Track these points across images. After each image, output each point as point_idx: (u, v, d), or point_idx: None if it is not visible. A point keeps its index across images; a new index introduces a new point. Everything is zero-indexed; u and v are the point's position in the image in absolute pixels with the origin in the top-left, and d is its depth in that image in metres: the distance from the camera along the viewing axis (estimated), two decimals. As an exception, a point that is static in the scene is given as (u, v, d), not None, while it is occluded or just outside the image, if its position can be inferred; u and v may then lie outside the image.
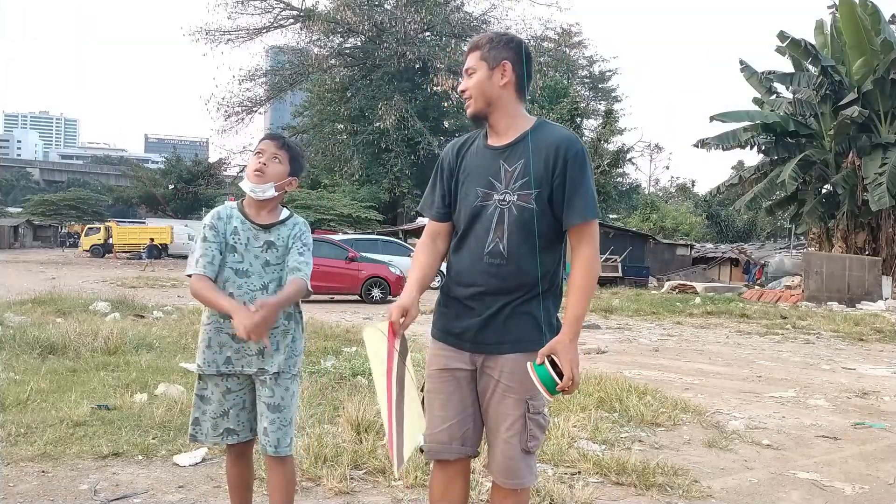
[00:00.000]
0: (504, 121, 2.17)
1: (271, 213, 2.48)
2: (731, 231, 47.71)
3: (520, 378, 2.08)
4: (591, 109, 44.03)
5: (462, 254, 2.19)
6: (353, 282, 15.80)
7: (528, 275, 2.11)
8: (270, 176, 2.43)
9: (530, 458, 2.15)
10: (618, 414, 4.89)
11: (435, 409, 2.21)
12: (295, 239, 2.47)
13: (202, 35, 36.60)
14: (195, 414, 2.50)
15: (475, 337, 2.15)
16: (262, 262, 2.43)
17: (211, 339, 2.43)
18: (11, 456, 3.56)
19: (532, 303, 2.13)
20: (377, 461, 3.55)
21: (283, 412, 2.42)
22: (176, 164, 55.37)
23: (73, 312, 9.40)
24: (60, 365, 5.87)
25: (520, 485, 2.15)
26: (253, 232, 2.44)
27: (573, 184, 2.08)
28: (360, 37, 36.03)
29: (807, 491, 3.60)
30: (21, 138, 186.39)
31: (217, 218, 2.46)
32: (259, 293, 2.39)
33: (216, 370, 2.42)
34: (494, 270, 2.11)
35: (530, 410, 2.11)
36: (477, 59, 2.16)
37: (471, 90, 2.17)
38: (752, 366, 7.97)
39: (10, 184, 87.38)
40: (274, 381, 2.42)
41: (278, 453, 2.42)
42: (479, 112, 2.18)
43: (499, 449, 2.14)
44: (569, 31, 43.78)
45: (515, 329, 2.12)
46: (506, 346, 2.12)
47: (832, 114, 22.65)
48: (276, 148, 2.47)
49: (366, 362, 6.27)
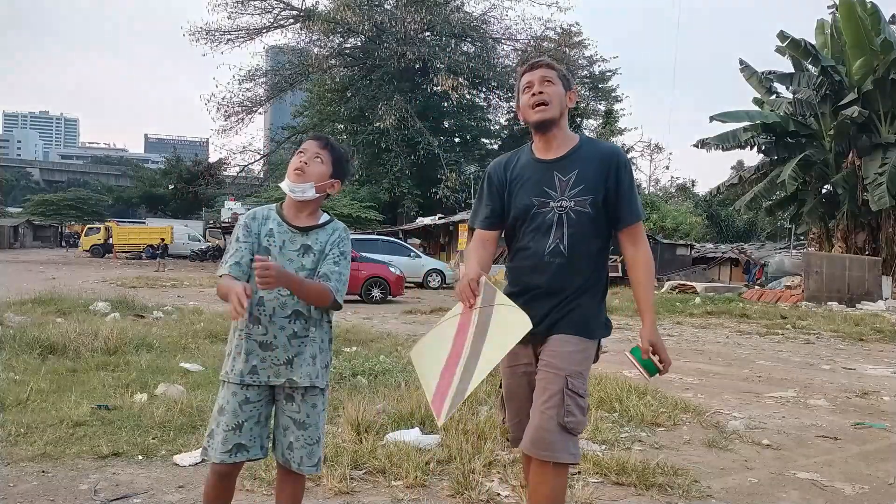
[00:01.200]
0: (560, 135, 2.42)
1: (311, 216, 2.37)
2: (731, 231, 47.68)
3: (563, 356, 2.28)
4: (591, 109, 43.99)
5: (523, 255, 2.41)
6: (353, 282, 15.77)
7: (584, 271, 2.36)
8: (311, 176, 2.32)
9: (567, 437, 2.21)
10: (618, 414, 4.89)
11: (511, 401, 2.48)
12: (333, 246, 2.35)
13: (202, 35, 36.60)
14: (211, 425, 2.34)
15: (535, 328, 2.22)
16: (296, 266, 2.30)
17: (238, 345, 2.31)
18: (11, 456, 3.56)
19: (585, 296, 2.37)
20: (377, 461, 3.55)
21: (308, 430, 2.32)
22: (176, 164, 55.43)
23: (73, 312, 9.40)
24: (60, 365, 5.87)
25: (550, 457, 2.19)
26: (289, 235, 2.32)
27: (625, 189, 2.37)
28: (360, 37, 36.02)
29: (807, 491, 3.60)
30: (21, 138, 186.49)
31: (252, 218, 2.37)
32: (290, 299, 2.27)
33: (239, 380, 2.28)
34: (555, 269, 2.34)
35: (569, 387, 2.24)
36: (555, 75, 2.42)
37: (551, 96, 2.38)
38: (752, 366, 7.97)
39: (10, 184, 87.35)
40: (301, 397, 2.31)
41: (302, 471, 2.33)
42: (553, 118, 2.38)
43: (535, 419, 2.24)
44: (569, 31, 43.70)
45: (568, 315, 2.35)
46: (558, 329, 2.34)
47: (832, 114, 22.65)
48: (319, 148, 2.37)
49: (366, 362, 6.29)
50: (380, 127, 32.99)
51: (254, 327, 2.29)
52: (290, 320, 2.29)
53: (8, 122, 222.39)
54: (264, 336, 2.29)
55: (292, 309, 2.29)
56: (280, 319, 2.28)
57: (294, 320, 2.29)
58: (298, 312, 2.30)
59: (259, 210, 2.41)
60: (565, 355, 2.28)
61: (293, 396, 2.32)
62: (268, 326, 2.28)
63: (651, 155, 54.11)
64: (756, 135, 24.02)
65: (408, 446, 3.70)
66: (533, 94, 2.38)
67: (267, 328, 2.29)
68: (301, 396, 2.32)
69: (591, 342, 2.38)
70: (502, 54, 38.62)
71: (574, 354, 2.30)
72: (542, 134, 2.41)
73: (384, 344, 8.01)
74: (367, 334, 8.79)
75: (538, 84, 2.39)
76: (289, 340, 2.28)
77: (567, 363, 2.27)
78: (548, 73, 2.40)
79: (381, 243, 22.09)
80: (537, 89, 2.38)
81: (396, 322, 11.79)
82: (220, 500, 2.42)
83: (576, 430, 2.24)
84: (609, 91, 51.16)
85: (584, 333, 2.34)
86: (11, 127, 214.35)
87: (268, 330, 2.29)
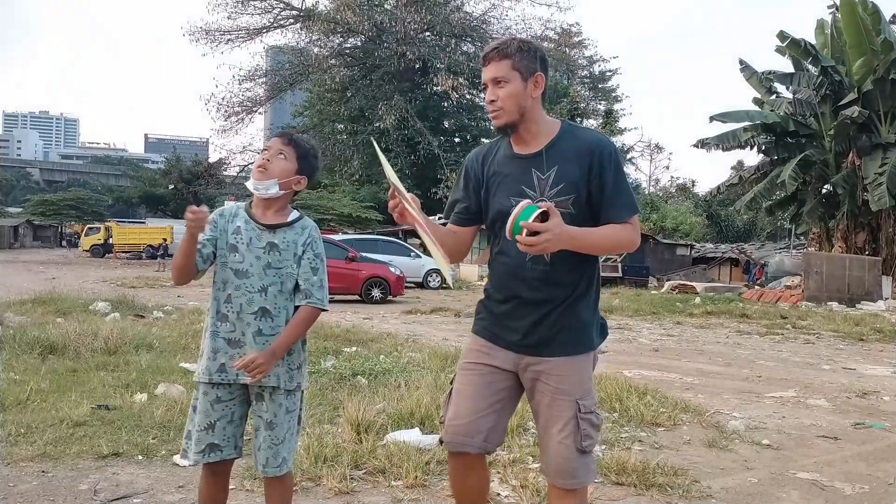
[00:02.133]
0: (533, 128, 2.16)
1: (278, 213, 2.35)
2: (731, 231, 47.70)
3: (570, 380, 2.13)
4: (591, 109, 44.04)
5: (503, 261, 2.21)
6: (353, 282, 15.79)
7: (571, 277, 2.15)
8: (274, 173, 2.30)
9: (587, 458, 2.14)
10: (618, 414, 4.89)
11: (464, 398, 2.21)
12: (306, 247, 2.34)
13: (202, 35, 36.68)
14: (188, 426, 2.36)
15: (522, 340, 2.17)
16: (263, 263, 2.30)
17: (207, 344, 2.32)
18: (11, 456, 3.56)
19: (577, 304, 2.17)
20: (377, 461, 3.55)
21: (274, 430, 2.30)
22: (176, 164, 55.42)
23: (73, 312, 9.40)
24: (60, 365, 5.87)
25: (577, 484, 2.13)
26: (256, 232, 2.32)
27: (610, 185, 2.11)
28: (360, 37, 36.07)
29: (807, 491, 3.60)
30: (21, 138, 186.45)
31: (220, 214, 2.38)
32: (258, 295, 2.28)
33: (208, 378, 2.30)
34: (539, 275, 2.14)
35: (581, 411, 2.12)
36: (508, 69, 2.10)
37: (503, 101, 2.11)
38: (752, 366, 7.97)
39: (10, 184, 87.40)
40: (269, 397, 2.31)
41: (266, 473, 2.33)
42: (511, 123, 2.14)
43: (553, 450, 2.13)
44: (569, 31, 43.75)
45: (563, 331, 2.15)
46: (556, 348, 2.15)
47: (832, 114, 22.65)
48: (283, 144, 2.34)
49: (366, 362, 6.28)
50: (380, 127, 33.02)
51: (221, 325, 2.30)
52: (256, 317, 2.29)
53: (8, 122, 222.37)
54: (232, 333, 2.30)
55: (259, 306, 2.29)
56: (247, 316, 2.28)
57: (261, 317, 2.29)
58: (265, 310, 2.29)
59: (228, 207, 2.41)
60: (572, 379, 2.14)
61: (262, 396, 2.32)
62: (235, 323, 2.30)
63: (651, 155, 54.11)
64: (756, 135, 24.02)
65: (408, 446, 3.70)
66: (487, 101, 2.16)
67: (235, 325, 2.30)
68: (269, 396, 2.31)
69: (591, 354, 2.25)
70: (502, 54, 38.58)
71: (580, 374, 2.17)
72: (512, 134, 2.20)
73: (384, 344, 8.01)
74: (367, 334, 8.79)
75: (490, 89, 2.13)
76: (254, 338, 2.28)
77: (575, 386, 2.14)
78: (498, 70, 2.10)
79: (382, 243, 22.09)
80: (488, 97, 2.14)
81: (396, 322, 11.79)
82: (214, 500, 2.42)
83: (592, 447, 2.16)
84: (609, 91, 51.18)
85: (583, 348, 2.19)
86: (11, 127, 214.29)
87: (235, 327, 2.30)
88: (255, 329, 2.28)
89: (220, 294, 2.32)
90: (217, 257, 2.33)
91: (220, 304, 2.32)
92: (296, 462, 3.47)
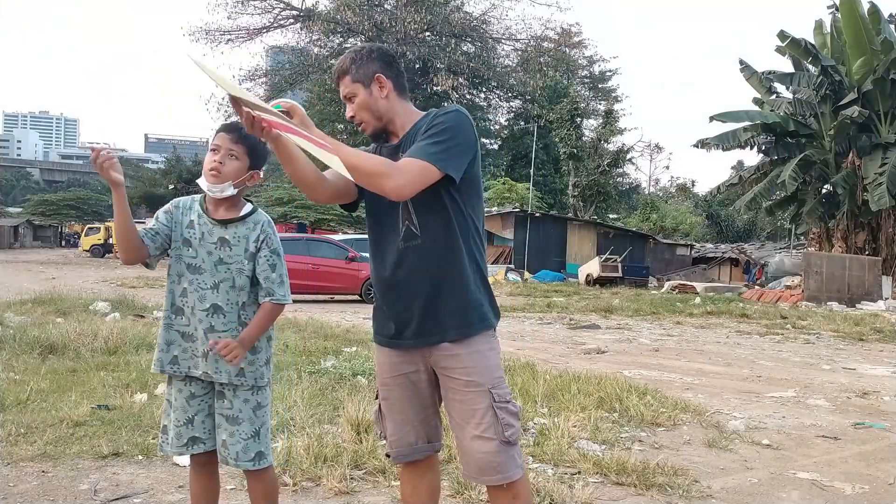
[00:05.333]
0: (398, 122, 2.17)
1: (230, 209, 2.33)
2: (731, 231, 47.69)
3: (478, 368, 2.08)
4: (591, 109, 44.06)
5: (380, 250, 2.17)
6: (353, 282, 15.80)
7: (445, 248, 2.08)
8: (227, 174, 2.27)
9: (512, 449, 2.07)
10: (618, 414, 4.89)
11: (395, 413, 2.22)
12: (261, 245, 2.32)
13: (202, 35, 36.69)
14: (164, 421, 2.40)
15: (417, 330, 2.11)
16: (214, 259, 2.29)
17: (161, 335, 2.34)
18: (11, 456, 3.56)
19: (460, 280, 2.09)
20: (377, 461, 3.55)
21: (241, 425, 2.31)
22: (176, 164, 55.38)
23: (73, 312, 9.41)
24: (60, 365, 5.87)
25: (503, 479, 2.05)
26: (209, 227, 2.31)
27: (425, 135, 2.02)
28: (360, 37, 36.04)
29: (807, 491, 3.60)
30: (21, 138, 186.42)
31: (176, 206, 2.37)
32: (210, 292, 2.28)
33: (160, 369, 2.33)
34: (413, 252, 2.08)
35: (496, 400, 2.06)
36: (349, 83, 2.13)
37: (358, 114, 2.14)
38: (752, 366, 7.97)
39: (10, 184, 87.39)
40: (233, 393, 2.31)
41: (240, 466, 2.33)
42: (376, 130, 2.17)
43: (473, 446, 2.06)
44: (569, 31, 43.77)
45: (453, 312, 2.09)
46: (450, 332, 2.09)
47: (832, 114, 22.66)
48: (233, 143, 2.27)
49: (366, 362, 6.27)
50: (380, 127, 32.96)
51: (176, 318, 2.33)
52: (207, 314, 2.29)
53: (8, 122, 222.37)
54: (186, 327, 2.32)
55: (211, 303, 2.29)
56: (199, 312, 2.30)
57: (212, 314, 2.29)
58: (217, 307, 2.30)
59: (184, 200, 2.41)
60: (478, 366, 2.07)
61: (224, 393, 2.33)
62: (189, 318, 2.32)
63: (651, 155, 54.10)
64: (756, 135, 24.03)
65: (408, 446, 3.69)
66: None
67: (189, 319, 2.32)
68: (233, 392, 2.32)
69: (492, 333, 2.16)
70: (502, 54, 38.72)
71: (485, 359, 2.09)
72: (388, 135, 2.20)
73: (384, 344, 7.99)
74: (366, 334, 8.78)
75: (347, 107, 2.16)
76: (205, 334, 2.28)
77: (484, 375, 2.07)
78: (344, 88, 2.14)
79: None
80: (347, 114, 2.18)
81: (396, 322, 11.76)
82: (204, 494, 2.44)
83: (516, 438, 2.08)
84: (609, 91, 51.17)
85: (482, 328, 2.11)
86: (11, 127, 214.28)
87: (189, 321, 2.32)
88: (206, 325, 2.29)
89: (176, 287, 2.33)
90: (172, 249, 2.34)
91: (174, 297, 2.34)
92: (296, 462, 3.48)
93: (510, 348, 8.11)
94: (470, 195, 2.13)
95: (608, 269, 26.27)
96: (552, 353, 8.21)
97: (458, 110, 2.12)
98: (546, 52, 39.77)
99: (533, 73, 36.51)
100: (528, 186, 36.07)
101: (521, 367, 6.28)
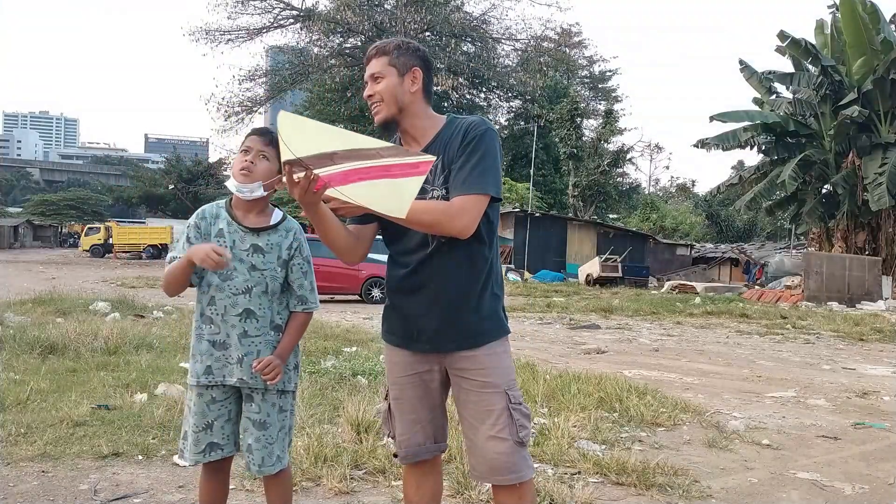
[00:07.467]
0: (418, 124, 2.15)
1: (260, 215, 2.34)
2: (731, 231, 47.70)
3: (496, 371, 2.10)
4: (591, 109, 44.11)
5: (401, 253, 2.19)
6: (353, 282, 15.80)
7: (467, 262, 2.10)
8: (258, 175, 2.26)
9: (524, 450, 2.10)
10: (618, 414, 4.89)
11: (406, 413, 2.23)
12: (294, 252, 2.35)
13: (202, 35, 36.58)
14: (184, 427, 2.38)
15: (434, 336, 2.12)
16: (247, 265, 2.29)
17: (193, 346, 2.33)
18: (11, 456, 3.56)
19: (478, 290, 2.12)
20: (377, 461, 3.55)
21: (268, 430, 2.31)
22: (176, 164, 55.41)
23: (73, 312, 9.41)
24: (60, 365, 5.87)
25: (517, 479, 2.07)
26: (240, 234, 2.30)
27: (464, 158, 2.04)
28: (360, 37, 36.03)
29: (807, 491, 3.60)
30: (21, 138, 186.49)
31: (202, 217, 2.35)
32: (242, 297, 2.28)
33: (196, 381, 2.30)
34: (438, 259, 2.09)
35: (512, 401, 2.09)
36: (384, 65, 2.11)
37: (381, 94, 2.11)
38: (752, 366, 7.97)
39: (10, 184, 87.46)
40: (261, 397, 2.31)
41: (262, 473, 2.33)
42: (389, 117, 2.12)
43: (487, 446, 2.08)
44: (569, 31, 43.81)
45: (471, 321, 2.11)
46: (469, 340, 2.11)
47: (832, 114, 22.66)
48: (264, 144, 2.29)
49: (366, 362, 6.28)
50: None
51: (206, 327, 2.31)
52: (241, 319, 2.29)
53: (8, 122, 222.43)
54: (217, 335, 2.30)
55: (243, 307, 2.29)
56: (231, 318, 2.29)
57: (245, 319, 2.29)
58: (250, 311, 2.29)
59: (208, 208, 2.38)
60: (495, 367, 2.10)
61: (252, 397, 2.32)
62: (220, 325, 2.30)
63: (651, 155, 54.13)
64: (756, 135, 24.04)
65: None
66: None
67: (220, 327, 2.30)
68: (261, 396, 2.31)
69: (506, 339, 2.20)
70: (502, 54, 38.67)
71: (501, 361, 2.13)
72: (398, 131, 2.18)
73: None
74: (366, 334, 8.79)
75: (368, 85, 2.14)
76: (239, 339, 2.28)
77: (500, 376, 2.10)
78: (375, 67, 2.12)
79: (381, 243, 22.07)
80: (366, 93, 2.15)
81: (396, 322, 11.76)
82: (214, 498, 2.43)
83: (528, 440, 2.13)
84: (609, 91, 51.19)
85: (498, 333, 2.15)
86: (11, 127, 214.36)
87: (220, 329, 2.30)
88: (240, 331, 2.28)
89: (204, 297, 2.32)
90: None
91: (203, 307, 2.32)
92: (296, 462, 3.48)
93: (510, 348, 8.10)
94: (491, 203, 2.15)
95: (608, 269, 26.29)
96: (552, 353, 8.22)
97: (489, 128, 2.12)
98: (546, 52, 39.72)
99: (533, 73, 36.49)
100: (528, 186, 36.10)
101: (521, 368, 6.28)
